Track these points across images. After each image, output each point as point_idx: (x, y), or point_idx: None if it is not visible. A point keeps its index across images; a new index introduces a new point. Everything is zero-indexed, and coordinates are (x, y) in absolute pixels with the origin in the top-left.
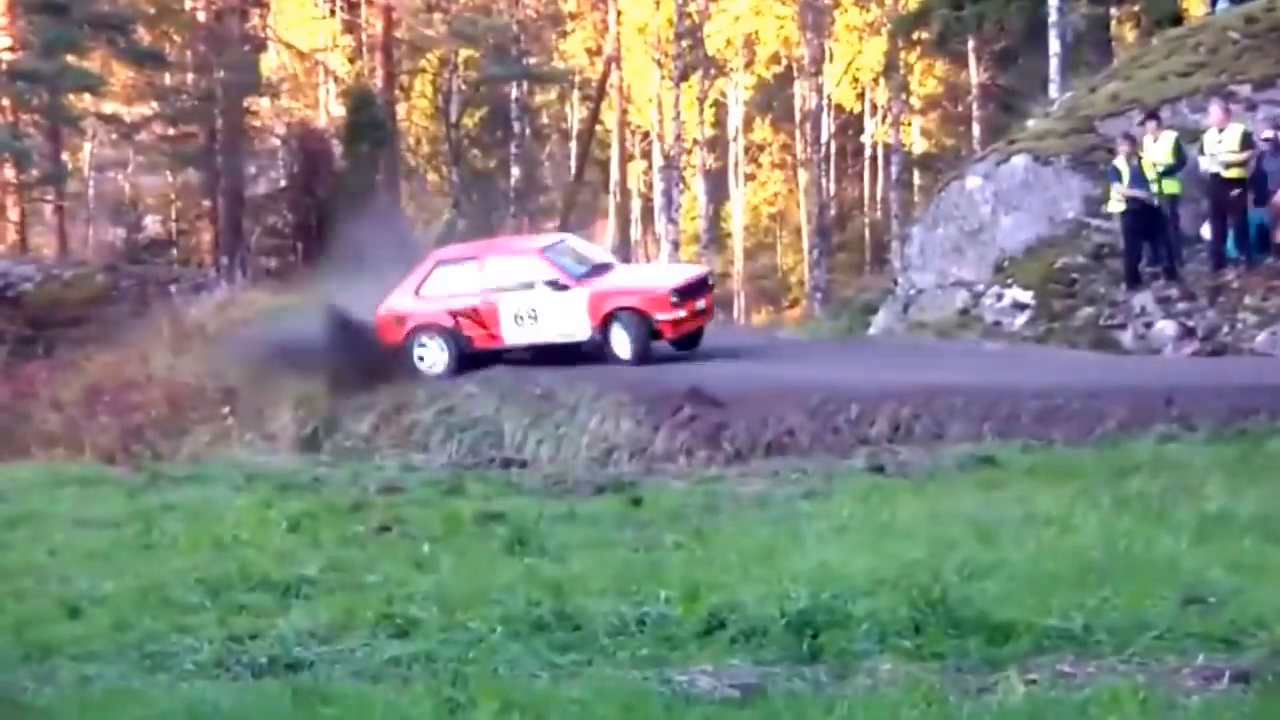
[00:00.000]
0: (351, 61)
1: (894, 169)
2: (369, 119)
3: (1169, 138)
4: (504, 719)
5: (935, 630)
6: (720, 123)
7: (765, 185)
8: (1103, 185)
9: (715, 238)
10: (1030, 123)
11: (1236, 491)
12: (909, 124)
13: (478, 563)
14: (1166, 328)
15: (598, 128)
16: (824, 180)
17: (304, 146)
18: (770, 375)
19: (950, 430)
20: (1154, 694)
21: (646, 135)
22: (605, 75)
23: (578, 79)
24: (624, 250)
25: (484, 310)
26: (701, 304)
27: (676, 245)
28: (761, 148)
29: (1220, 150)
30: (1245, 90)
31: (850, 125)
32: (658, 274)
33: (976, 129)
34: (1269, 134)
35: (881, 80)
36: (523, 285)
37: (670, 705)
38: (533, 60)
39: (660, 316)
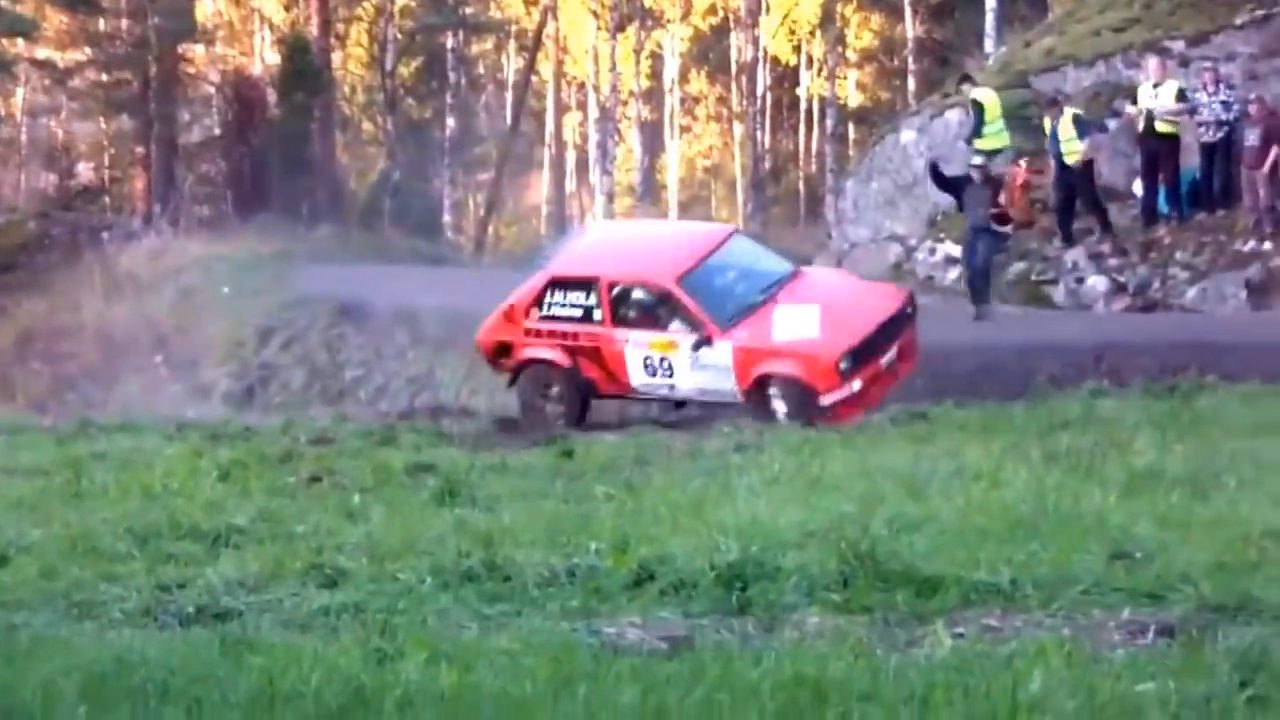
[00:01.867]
0: (287, 9)
1: (829, 122)
2: (304, 67)
3: (1069, 114)
4: (432, 669)
5: (864, 583)
6: (656, 74)
7: (701, 138)
8: (1035, 141)
9: (650, 190)
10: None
11: (1165, 447)
12: (844, 77)
13: (408, 514)
14: (1098, 283)
15: (534, 78)
16: (759, 133)
17: (238, 94)
18: None
19: None
20: (1079, 648)
21: (582, 86)
22: (541, 25)
23: (514, 29)
24: (559, 202)
25: (607, 353)
26: (889, 356)
27: (611, 197)
28: (697, 100)
29: (1156, 105)
30: (1179, 46)
31: (786, 78)
32: (836, 318)
33: (912, 83)
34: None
35: (818, 33)
36: (654, 327)
37: (598, 656)
38: (469, 9)
39: (825, 395)
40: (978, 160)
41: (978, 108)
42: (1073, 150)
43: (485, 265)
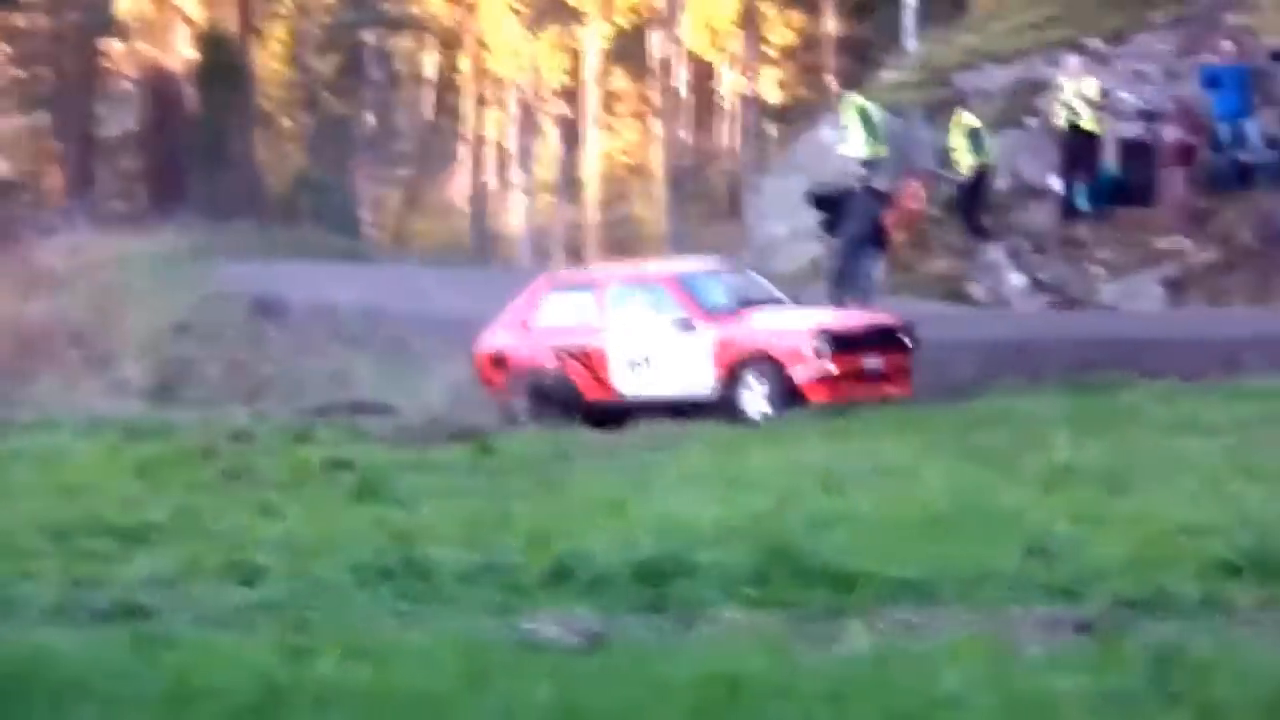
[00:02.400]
0: (206, 5)
1: (750, 119)
2: (223, 63)
3: (968, 119)
4: (348, 666)
5: (781, 580)
6: (576, 71)
7: (621, 134)
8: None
9: (570, 186)
10: (884, 74)
11: (1082, 444)
12: (764, 74)
13: (326, 510)
14: (1017, 280)
15: (453, 74)
16: (679, 130)
17: (156, 90)
18: None
19: None
20: (996, 644)
21: (502, 83)
22: (461, 22)
23: (434, 25)
24: (479, 198)
25: (594, 352)
26: (875, 363)
27: (530, 193)
28: (617, 97)
29: (1076, 102)
30: (1099, 44)
31: (706, 75)
32: (816, 315)
33: (831, 80)
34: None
35: (738, 31)
36: (644, 322)
37: (515, 653)
38: (388, 5)
39: (798, 371)
40: (861, 170)
41: (863, 115)
42: (963, 161)
43: (404, 261)
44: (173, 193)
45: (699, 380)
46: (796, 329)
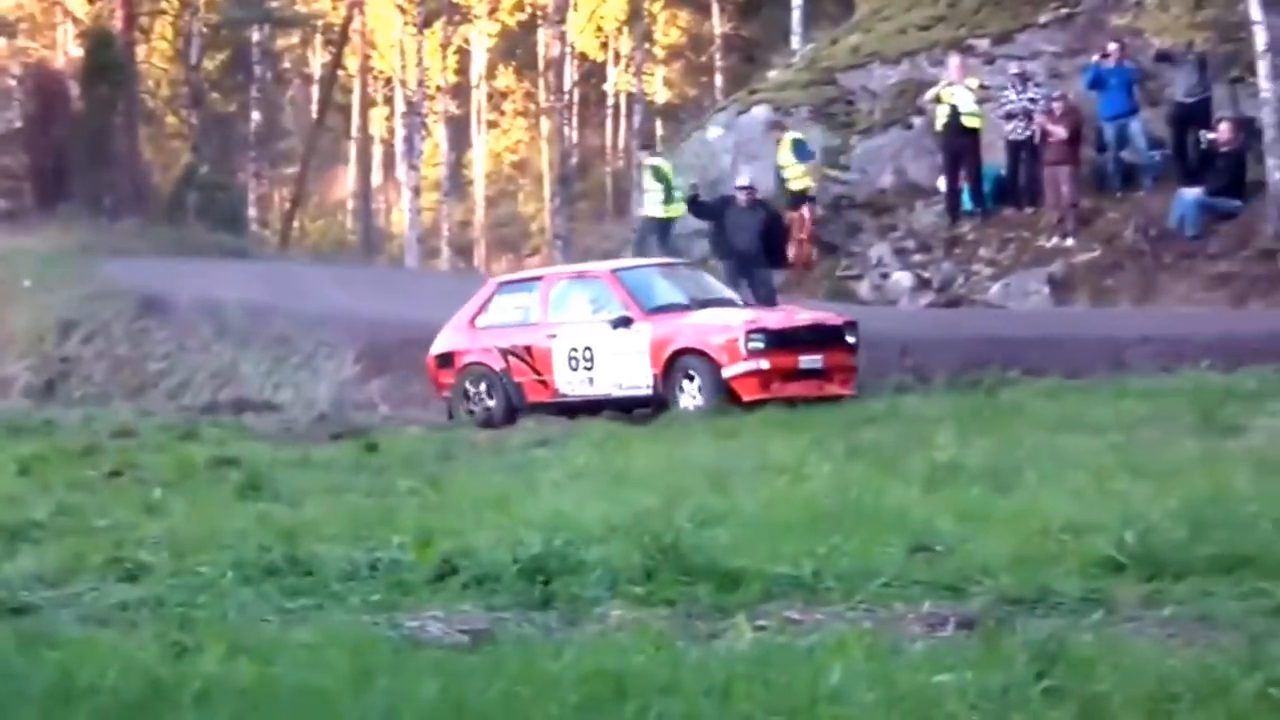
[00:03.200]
0: (91, 2)
1: (636, 118)
2: (107, 61)
3: (788, 139)
4: (231, 663)
5: (667, 577)
6: (463, 69)
7: (508, 133)
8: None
9: (457, 185)
10: (771, 74)
11: (967, 441)
12: (652, 73)
13: (210, 508)
14: (903, 279)
15: (340, 73)
16: (566, 128)
17: (40, 87)
18: None
19: None
20: (879, 640)
21: (389, 81)
22: (348, 20)
23: (320, 23)
24: (364, 196)
25: (537, 350)
26: (813, 360)
27: (417, 192)
28: (504, 95)
29: (961, 102)
30: (984, 44)
31: (593, 74)
32: (757, 313)
33: (719, 79)
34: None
35: (625, 29)
36: (585, 319)
37: (399, 650)
38: (275, 3)
39: (729, 368)
40: (743, 181)
41: (658, 175)
42: (795, 175)
43: (290, 259)
44: (57, 190)
45: (637, 378)
46: (730, 325)
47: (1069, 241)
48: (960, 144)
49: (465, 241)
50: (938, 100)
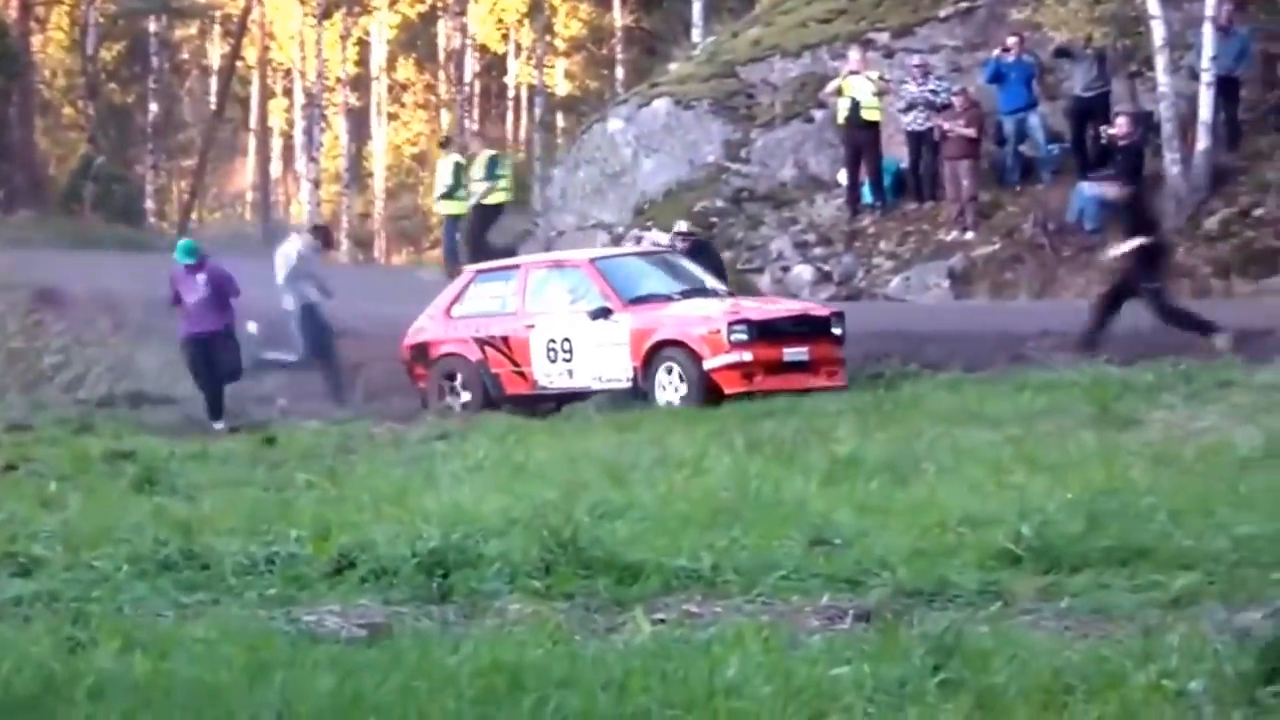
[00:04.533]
0: None
1: (537, 110)
2: (2, 51)
3: (484, 156)
4: (126, 658)
5: (565, 570)
6: (363, 61)
7: (408, 125)
8: (742, 131)
9: (357, 177)
10: (673, 66)
11: (866, 435)
12: (553, 66)
13: (106, 501)
14: (803, 272)
15: (239, 64)
16: (467, 121)
17: None
18: (410, 316)
19: None
20: (777, 633)
21: (288, 73)
22: (247, 11)
23: (219, 14)
24: (264, 188)
25: (514, 340)
26: (798, 353)
27: (317, 184)
28: (405, 87)
29: (861, 95)
30: (884, 38)
31: (494, 66)
32: (740, 304)
33: (620, 72)
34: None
35: (526, 21)
36: (564, 308)
37: (296, 644)
38: None
39: (710, 360)
40: (680, 227)
41: (457, 171)
42: (481, 190)
43: None
44: None
45: (617, 370)
46: (712, 316)
47: (968, 235)
48: (861, 137)
49: (365, 234)
50: (838, 93)
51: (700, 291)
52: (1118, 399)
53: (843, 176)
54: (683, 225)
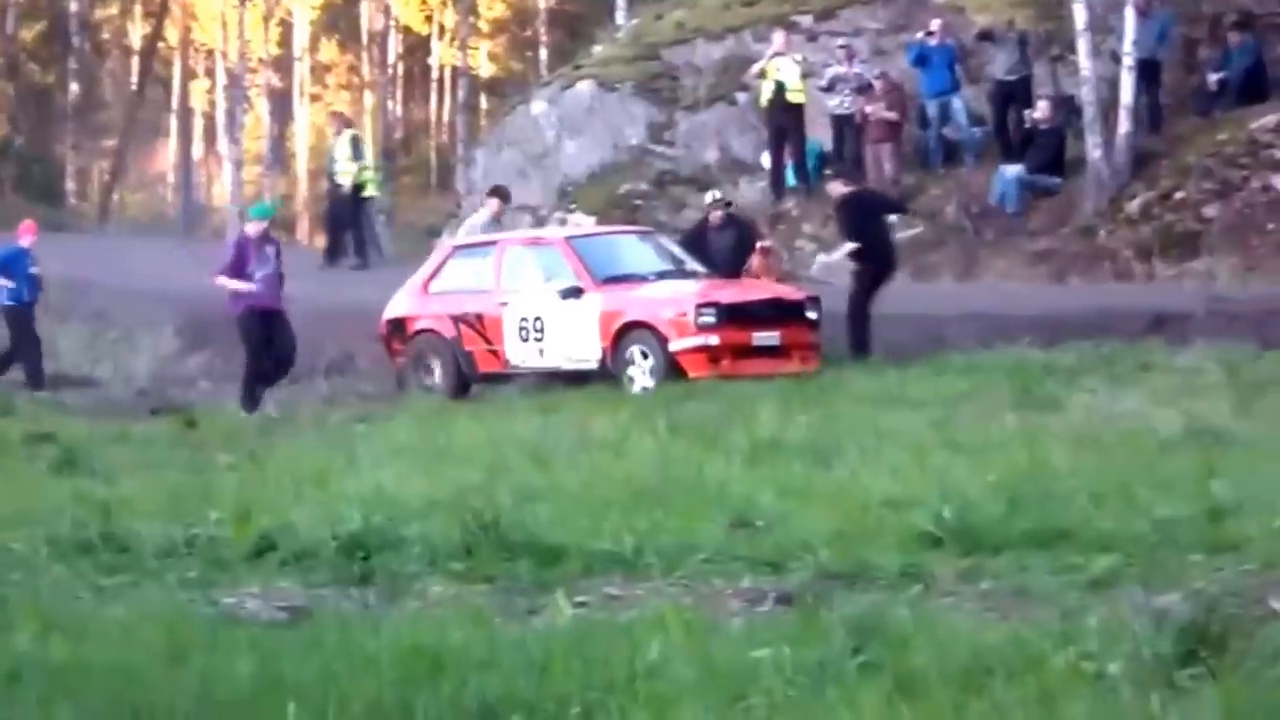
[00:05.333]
0: None
1: (461, 92)
2: None
3: (348, 135)
4: (43, 641)
5: (487, 553)
6: (286, 42)
7: (331, 106)
8: (666, 113)
9: (280, 159)
10: (596, 49)
11: (789, 417)
12: (476, 47)
13: (24, 484)
14: None
15: (160, 44)
16: (391, 102)
17: None
18: (331, 298)
19: None
20: (698, 616)
21: (210, 53)
22: None
23: None
24: (185, 169)
25: (488, 318)
26: (769, 337)
27: (239, 165)
28: (328, 68)
29: (786, 77)
30: (808, 21)
31: (418, 47)
32: (711, 286)
33: (544, 54)
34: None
35: (450, 3)
36: (536, 287)
37: (216, 627)
38: None
39: (677, 343)
40: (714, 195)
41: (355, 144)
42: (346, 171)
43: (109, 233)
44: None
45: (586, 351)
46: (679, 298)
47: (891, 218)
48: (784, 120)
49: (288, 215)
50: (762, 75)
51: (679, 273)
52: (1039, 382)
53: (766, 159)
54: (715, 193)
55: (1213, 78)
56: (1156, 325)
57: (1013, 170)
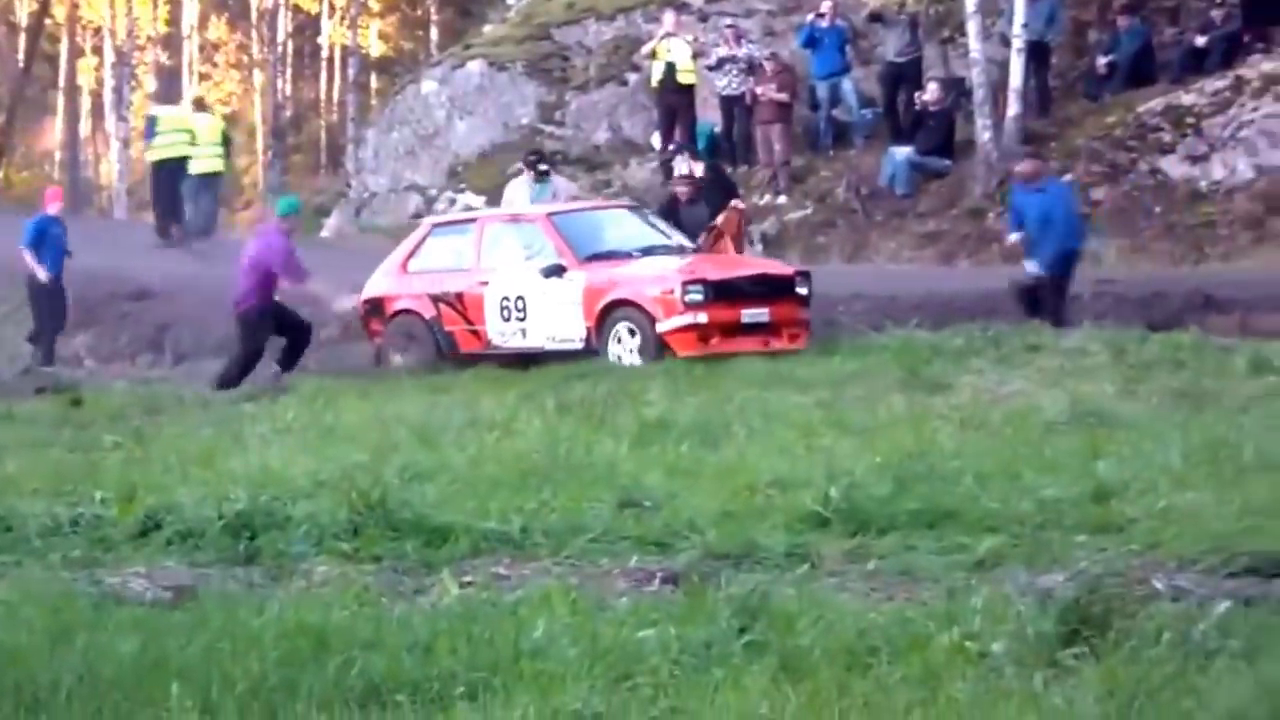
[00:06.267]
0: None
1: (351, 71)
2: None
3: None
4: None
5: (374, 532)
6: (174, 20)
7: (220, 85)
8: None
9: None
10: (487, 28)
11: (677, 398)
12: (367, 26)
13: None
14: None
15: (47, 21)
16: (280, 81)
17: None
18: (219, 277)
19: None
20: (585, 595)
21: (98, 31)
22: None
23: None
24: (72, 147)
25: (469, 297)
26: (758, 314)
27: (126, 144)
28: (217, 46)
29: (677, 58)
30: (699, 1)
31: (308, 26)
32: (698, 262)
33: (434, 33)
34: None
35: None
36: (518, 265)
37: (100, 606)
38: None
39: (663, 322)
40: (681, 169)
41: (151, 120)
42: (150, 147)
43: None
44: None
45: (569, 330)
46: (665, 275)
47: (781, 199)
48: (675, 100)
49: None
50: (653, 56)
51: (664, 249)
52: (927, 363)
53: (656, 140)
54: (683, 168)
55: (1101, 61)
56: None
57: (902, 152)
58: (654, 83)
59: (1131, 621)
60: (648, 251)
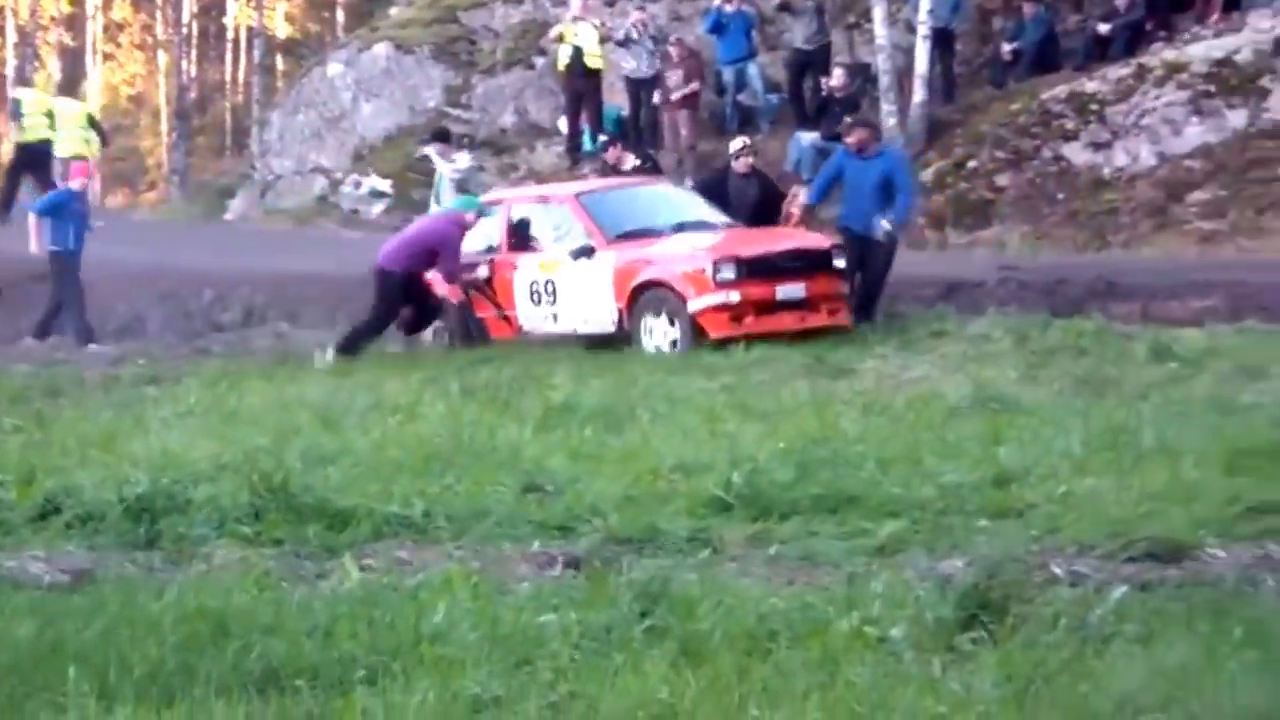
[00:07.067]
0: None
1: (257, 53)
2: None
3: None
4: None
5: (275, 516)
6: (78, 0)
7: (125, 66)
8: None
9: None
10: (393, 11)
11: (582, 382)
12: (273, 8)
13: None
14: None
15: None
16: (185, 62)
17: None
18: (123, 259)
19: (304, 317)
20: (486, 579)
21: (1, 10)
22: None
23: None
24: None
25: (498, 281)
26: (794, 291)
27: None
28: (121, 27)
29: (584, 42)
30: None
31: (213, 7)
32: (732, 239)
33: (340, 15)
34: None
35: None
36: (547, 247)
37: None
38: None
39: (694, 302)
40: (738, 144)
41: (16, 103)
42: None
43: None
44: None
45: (601, 313)
46: (697, 254)
47: (687, 183)
48: (582, 84)
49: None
50: (560, 40)
51: (696, 225)
52: (832, 349)
53: (563, 124)
54: (740, 142)
55: (1007, 48)
56: (948, 293)
57: (808, 137)
58: (560, 67)
59: (1029, 606)
60: (680, 228)
